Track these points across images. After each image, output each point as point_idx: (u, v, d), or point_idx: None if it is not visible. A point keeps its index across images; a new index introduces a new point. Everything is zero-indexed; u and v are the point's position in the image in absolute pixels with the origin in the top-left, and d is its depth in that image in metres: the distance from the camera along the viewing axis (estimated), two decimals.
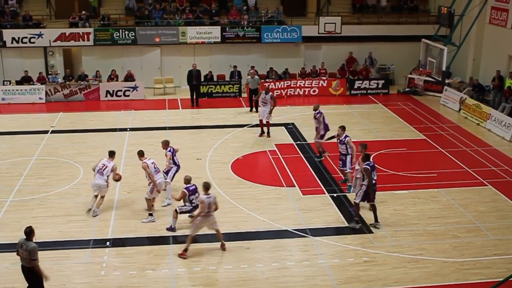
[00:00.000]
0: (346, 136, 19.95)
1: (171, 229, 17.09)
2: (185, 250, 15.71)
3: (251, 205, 18.80)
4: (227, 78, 32.77)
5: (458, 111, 29.62)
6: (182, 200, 16.63)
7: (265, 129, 25.38)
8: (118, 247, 16.31)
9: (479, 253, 16.00)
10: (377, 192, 17.69)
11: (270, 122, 25.23)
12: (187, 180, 16.63)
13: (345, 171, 20.11)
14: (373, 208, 17.49)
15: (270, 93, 25.54)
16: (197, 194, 16.50)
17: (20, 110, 29.75)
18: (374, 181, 17.14)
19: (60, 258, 15.64)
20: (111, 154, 18.46)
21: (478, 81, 30.62)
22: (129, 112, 29.40)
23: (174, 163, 19.00)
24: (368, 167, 17.01)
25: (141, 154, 18.11)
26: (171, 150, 18.90)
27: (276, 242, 16.46)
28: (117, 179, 18.24)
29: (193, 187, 16.65)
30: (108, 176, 17.96)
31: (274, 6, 35.31)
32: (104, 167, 18.05)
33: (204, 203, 15.39)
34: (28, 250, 12.62)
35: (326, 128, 22.37)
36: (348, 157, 19.78)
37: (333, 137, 20.79)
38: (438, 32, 33.09)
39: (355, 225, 17.40)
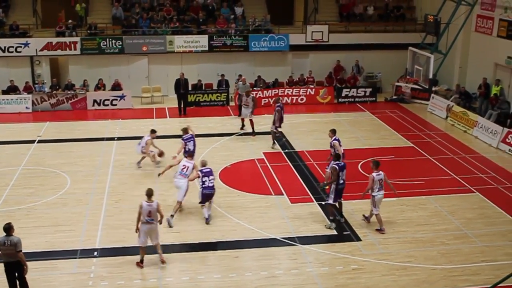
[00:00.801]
0: (335, 139, 20.14)
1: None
2: (141, 261, 15.69)
3: (240, 213, 18.75)
4: (215, 87, 32.78)
5: (445, 118, 29.76)
6: None
7: (248, 126, 26.87)
8: (106, 257, 16.19)
9: (467, 260, 16.04)
10: (365, 200, 18.09)
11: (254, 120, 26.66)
12: (203, 163, 18.14)
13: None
14: (339, 205, 18.22)
15: (251, 95, 26.97)
16: (211, 177, 17.89)
17: (6, 119, 29.56)
18: (342, 181, 17.63)
19: (47, 269, 15.51)
20: (191, 154, 19.95)
21: (465, 89, 30.80)
22: (117, 121, 29.32)
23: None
24: (337, 166, 17.57)
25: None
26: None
27: (265, 250, 16.43)
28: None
29: (208, 169, 17.94)
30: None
31: (262, 15, 35.41)
32: (186, 167, 18.39)
33: (142, 208, 15.29)
34: (13, 244, 13.31)
35: (281, 120, 24.86)
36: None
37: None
38: (425, 40, 33.21)
39: (331, 224, 17.85)
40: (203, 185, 17.78)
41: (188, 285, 14.87)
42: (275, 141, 25.38)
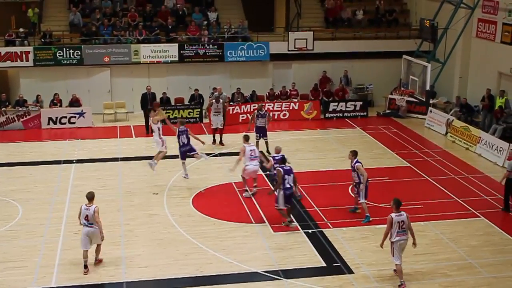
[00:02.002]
0: (357, 161, 20.15)
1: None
2: (85, 266, 16.72)
3: (216, 244, 18.63)
4: (186, 102, 32.75)
5: (445, 134, 29.96)
6: None
7: (217, 137, 27.94)
8: None
9: None
10: (358, 227, 18.63)
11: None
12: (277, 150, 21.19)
13: (359, 201, 20.43)
14: (289, 209, 19.73)
15: (221, 100, 28.13)
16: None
17: None
18: (288, 186, 19.24)
19: None
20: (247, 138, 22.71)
21: (466, 101, 31.02)
22: (75, 141, 29.17)
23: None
24: (281, 170, 19.26)
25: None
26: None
27: (245, 286, 16.28)
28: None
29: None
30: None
31: (238, 21, 35.55)
32: (254, 151, 22.01)
33: (80, 211, 16.66)
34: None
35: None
36: (362, 185, 20.02)
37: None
38: (421, 47, 33.54)
39: (288, 223, 19.66)
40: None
41: None
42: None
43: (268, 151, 26.27)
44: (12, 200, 22.15)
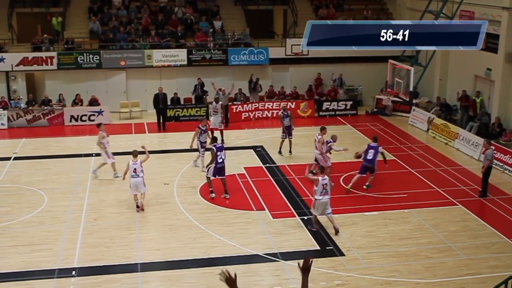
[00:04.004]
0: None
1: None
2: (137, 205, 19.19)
3: (221, 230, 18.66)
4: (199, 96, 32.72)
5: (426, 131, 29.95)
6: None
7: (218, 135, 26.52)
8: (84, 276, 16.01)
9: (451, 273, 16.08)
10: (348, 214, 18.86)
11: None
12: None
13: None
14: (223, 181, 21.13)
15: (220, 102, 27.66)
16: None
17: None
18: (221, 160, 20.75)
19: None
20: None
21: (446, 101, 31.02)
22: (95, 137, 29.06)
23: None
24: (214, 148, 20.72)
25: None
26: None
27: (247, 267, 16.31)
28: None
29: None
30: None
31: (241, 29, 35.48)
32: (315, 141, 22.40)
33: (129, 166, 19.47)
34: None
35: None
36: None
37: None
38: (405, 53, 33.44)
39: (211, 194, 21.10)
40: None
41: None
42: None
43: (290, 151, 26.19)
44: (38, 189, 22.17)
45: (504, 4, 26.72)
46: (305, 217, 19.42)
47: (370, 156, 21.70)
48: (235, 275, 6.81)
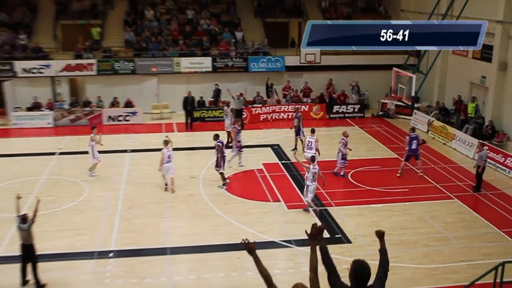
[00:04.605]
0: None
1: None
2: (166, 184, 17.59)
3: (241, 218, 18.82)
4: (214, 101, 32.90)
5: (426, 132, 29.88)
6: None
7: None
8: (121, 258, 16.25)
9: (447, 260, 16.12)
10: (355, 206, 19.14)
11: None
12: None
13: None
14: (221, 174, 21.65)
15: (231, 106, 28.17)
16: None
17: (30, 134, 29.68)
18: (224, 155, 21.49)
19: (67, 268, 15.61)
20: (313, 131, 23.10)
21: (444, 105, 30.93)
22: (129, 135, 29.40)
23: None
24: (220, 144, 21.41)
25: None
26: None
27: (264, 252, 16.35)
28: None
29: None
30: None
31: (260, 39, 35.57)
32: (310, 143, 22.24)
33: (163, 153, 20.36)
34: (26, 229, 14.37)
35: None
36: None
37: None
38: (407, 61, 33.34)
39: (223, 186, 21.50)
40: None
41: (195, 283, 14.93)
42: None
43: (294, 148, 26.34)
44: (80, 181, 22.44)
45: (498, 18, 26.60)
46: (317, 208, 19.54)
47: (414, 146, 22.86)
48: (254, 243, 6.93)
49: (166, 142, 21.23)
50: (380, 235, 7.72)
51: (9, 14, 35.42)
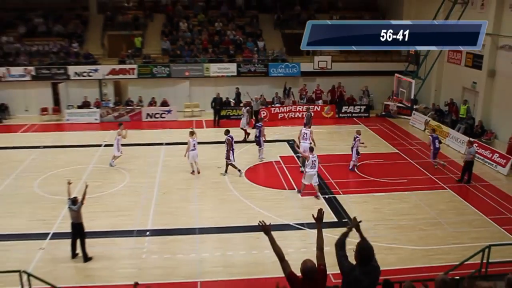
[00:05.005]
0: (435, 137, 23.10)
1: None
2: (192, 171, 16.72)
3: (260, 204, 18.79)
4: (236, 101, 32.85)
5: (423, 130, 29.57)
6: None
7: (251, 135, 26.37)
8: (156, 236, 16.33)
9: (440, 243, 15.95)
10: (360, 194, 18.98)
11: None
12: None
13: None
14: (227, 164, 21.56)
15: (248, 107, 28.19)
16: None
17: (80, 128, 29.95)
18: (233, 148, 21.43)
19: (110, 244, 15.74)
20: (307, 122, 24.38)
21: (439, 107, 30.60)
22: (165, 130, 29.51)
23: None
24: (230, 138, 21.31)
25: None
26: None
27: (280, 233, 16.28)
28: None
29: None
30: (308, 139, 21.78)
31: (279, 48, 35.45)
32: (306, 134, 21.89)
33: (190, 142, 20.26)
34: (76, 210, 14.46)
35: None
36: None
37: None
38: (408, 68, 33.08)
39: (225, 174, 21.57)
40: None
41: (220, 259, 14.94)
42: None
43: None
44: (122, 169, 22.59)
45: (488, 31, 26.07)
46: (327, 196, 19.45)
47: (437, 145, 22.81)
48: (270, 224, 6.90)
49: (191, 133, 21.63)
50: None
51: (64, 26, 35.80)
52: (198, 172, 21.66)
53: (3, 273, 12.22)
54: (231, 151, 21.58)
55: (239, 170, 21.70)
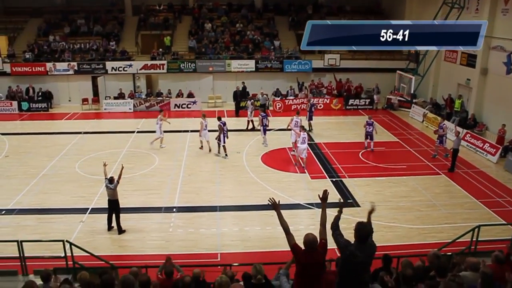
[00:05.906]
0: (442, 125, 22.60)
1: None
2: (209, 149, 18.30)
3: (275, 185, 18.77)
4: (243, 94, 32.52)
5: (422, 122, 29.22)
6: None
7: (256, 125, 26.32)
8: (181, 213, 16.41)
9: (435, 222, 15.81)
10: (363, 178, 18.64)
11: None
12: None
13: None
14: (219, 147, 21.91)
15: (252, 99, 28.33)
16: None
17: (116, 116, 30.12)
18: (224, 132, 21.62)
19: (141, 219, 15.85)
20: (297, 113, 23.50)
21: (436, 101, 30.19)
22: (190, 119, 29.54)
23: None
24: (221, 124, 21.59)
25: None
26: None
27: (291, 212, 16.37)
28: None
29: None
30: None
31: (293, 46, 35.20)
32: (297, 122, 22.22)
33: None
34: (112, 188, 14.57)
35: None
36: (444, 137, 22.29)
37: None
38: (408, 66, 32.68)
39: (226, 156, 21.66)
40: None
41: (237, 233, 14.98)
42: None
43: (310, 130, 26.18)
44: (152, 153, 22.69)
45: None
46: (334, 179, 19.36)
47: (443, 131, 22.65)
48: (279, 201, 6.87)
49: (204, 116, 22.46)
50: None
51: (103, 26, 35.91)
52: (210, 150, 22.16)
53: (49, 242, 12.64)
54: (222, 135, 21.84)
55: (226, 154, 21.95)
